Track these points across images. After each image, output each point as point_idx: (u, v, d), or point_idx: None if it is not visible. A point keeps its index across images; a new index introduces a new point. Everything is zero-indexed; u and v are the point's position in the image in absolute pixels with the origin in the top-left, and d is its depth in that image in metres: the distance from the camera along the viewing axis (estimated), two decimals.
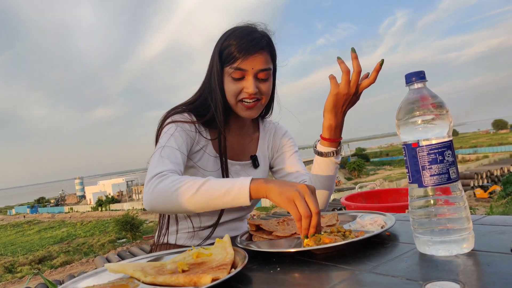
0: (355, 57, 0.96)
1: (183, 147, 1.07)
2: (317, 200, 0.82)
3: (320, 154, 1.10)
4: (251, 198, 0.86)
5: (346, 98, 1.00)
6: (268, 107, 1.29)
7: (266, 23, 1.17)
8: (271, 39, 1.16)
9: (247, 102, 1.11)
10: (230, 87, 1.11)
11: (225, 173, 1.15)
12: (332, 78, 0.99)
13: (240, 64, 1.08)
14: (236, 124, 1.23)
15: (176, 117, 1.13)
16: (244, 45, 1.08)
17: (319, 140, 1.11)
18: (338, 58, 0.98)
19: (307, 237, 0.78)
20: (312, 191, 0.83)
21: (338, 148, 1.10)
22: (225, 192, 0.87)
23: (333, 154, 1.09)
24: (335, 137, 1.07)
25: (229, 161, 1.20)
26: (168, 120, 1.12)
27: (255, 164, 1.26)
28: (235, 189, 0.86)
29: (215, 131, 1.16)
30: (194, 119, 1.15)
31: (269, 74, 1.14)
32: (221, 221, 1.21)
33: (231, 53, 1.09)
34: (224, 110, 1.13)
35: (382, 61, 0.98)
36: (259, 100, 1.13)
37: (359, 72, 0.97)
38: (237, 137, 1.24)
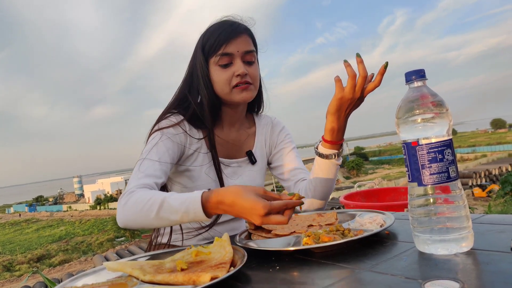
0: (360, 62, 0.96)
1: (165, 157, 1.05)
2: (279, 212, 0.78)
3: (322, 156, 1.10)
4: (210, 217, 0.85)
5: (351, 102, 1.00)
6: (259, 101, 1.29)
7: (241, 15, 1.18)
8: (248, 27, 1.16)
9: (240, 85, 1.10)
10: (220, 76, 1.10)
11: (218, 170, 1.15)
12: (338, 81, 0.99)
13: (225, 48, 1.09)
14: (230, 120, 1.21)
15: (163, 123, 1.12)
16: (225, 32, 1.10)
17: (320, 141, 1.11)
18: (345, 61, 0.98)
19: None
20: (271, 210, 0.76)
21: (340, 150, 1.10)
22: (182, 215, 0.85)
23: (335, 156, 1.09)
24: (337, 140, 1.07)
25: (226, 160, 1.20)
26: (155, 128, 1.11)
27: (252, 160, 1.25)
28: (190, 213, 0.84)
29: (207, 129, 1.15)
30: (184, 122, 1.13)
31: (254, 57, 1.15)
32: (219, 221, 1.20)
33: (213, 43, 1.10)
34: (212, 105, 1.13)
35: (387, 63, 0.97)
36: (251, 84, 1.13)
37: (365, 76, 0.97)
38: (232, 133, 1.23)
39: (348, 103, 1.00)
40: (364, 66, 0.96)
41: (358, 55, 0.97)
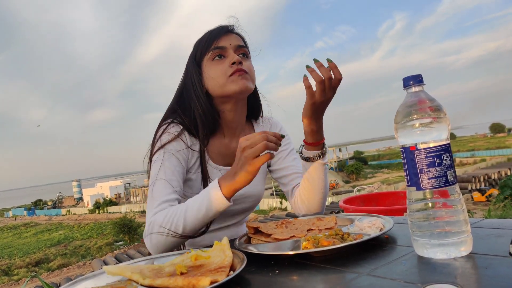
0: (335, 67, 0.96)
1: (175, 175, 1.05)
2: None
3: (308, 159, 1.11)
4: (230, 200, 0.93)
5: (324, 103, 1.01)
6: (257, 107, 1.28)
7: (227, 20, 1.19)
8: (235, 27, 1.17)
9: (235, 72, 1.08)
10: (215, 70, 1.10)
11: (204, 179, 1.14)
12: (308, 87, 0.98)
13: (217, 43, 1.10)
14: (230, 128, 1.20)
15: (164, 138, 1.10)
16: (214, 31, 1.13)
17: (303, 146, 1.12)
18: (307, 66, 0.97)
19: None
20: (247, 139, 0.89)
21: (323, 149, 1.11)
22: (206, 209, 0.92)
23: (320, 157, 1.10)
24: (318, 140, 1.08)
25: (228, 167, 1.18)
26: (157, 145, 1.09)
27: None
28: (213, 203, 0.91)
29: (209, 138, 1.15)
30: (185, 133, 1.12)
31: (247, 54, 1.15)
32: (220, 226, 1.20)
33: (204, 43, 1.12)
34: (206, 117, 1.11)
35: (328, 59, 0.97)
36: (248, 73, 1.11)
37: (330, 78, 0.96)
38: (233, 142, 1.21)
39: (322, 105, 1.01)
40: (339, 69, 0.96)
41: (330, 61, 0.97)
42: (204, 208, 0.91)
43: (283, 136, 0.91)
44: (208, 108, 1.12)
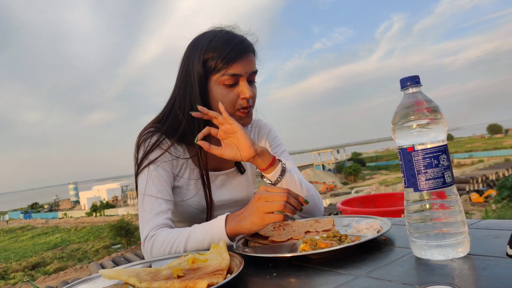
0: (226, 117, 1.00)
1: (164, 186, 1.05)
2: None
3: (275, 183, 1.05)
4: (234, 239, 0.91)
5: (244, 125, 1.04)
6: None
7: (245, 30, 1.14)
8: (253, 43, 1.12)
9: (244, 109, 1.07)
10: (225, 97, 1.05)
11: (208, 186, 1.11)
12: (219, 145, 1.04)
13: (233, 69, 1.04)
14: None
15: (152, 155, 1.07)
16: (233, 51, 1.04)
17: (261, 174, 1.08)
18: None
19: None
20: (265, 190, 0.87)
21: (281, 162, 1.06)
22: (209, 243, 0.90)
23: (282, 171, 1.05)
24: (270, 161, 1.04)
25: (214, 173, 1.17)
26: (142, 155, 1.08)
27: (241, 170, 1.22)
28: (216, 239, 0.89)
29: (193, 147, 1.11)
30: (168, 142, 1.09)
31: (256, 74, 1.12)
32: None
33: (219, 61, 1.04)
34: (204, 122, 1.07)
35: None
36: (252, 107, 1.10)
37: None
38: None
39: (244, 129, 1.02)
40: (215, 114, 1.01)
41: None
42: (207, 241, 0.90)
43: (306, 202, 0.87)
44: (203, 120, 1.07)
